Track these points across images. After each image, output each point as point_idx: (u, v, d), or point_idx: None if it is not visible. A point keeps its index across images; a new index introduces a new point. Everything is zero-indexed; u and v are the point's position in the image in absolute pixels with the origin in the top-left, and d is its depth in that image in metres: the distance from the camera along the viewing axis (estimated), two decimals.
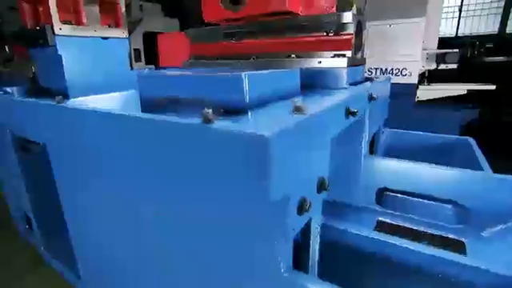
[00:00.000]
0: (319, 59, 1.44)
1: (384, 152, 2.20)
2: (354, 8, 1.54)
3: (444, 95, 3.70)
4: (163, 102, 1.09)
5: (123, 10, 2.08)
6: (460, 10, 11.21)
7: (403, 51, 3.60)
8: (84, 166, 1.26)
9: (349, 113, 1.07)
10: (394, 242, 1.15)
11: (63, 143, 1.31)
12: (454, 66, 3.67)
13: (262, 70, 1.12)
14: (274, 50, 1.60)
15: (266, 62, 1.57)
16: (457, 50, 3.62)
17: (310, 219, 0.94)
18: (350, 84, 1.46)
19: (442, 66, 3.68)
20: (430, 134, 2.22)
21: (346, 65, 1.39)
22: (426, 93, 3.73)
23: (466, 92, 3.60)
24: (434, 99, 3.73)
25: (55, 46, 1.76)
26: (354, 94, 1.23)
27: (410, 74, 3.64)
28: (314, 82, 1.46)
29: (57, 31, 1.75)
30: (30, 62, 2.07)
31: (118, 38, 2.06)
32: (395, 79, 3.73)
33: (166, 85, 1.07)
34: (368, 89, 1.39)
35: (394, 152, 2.22)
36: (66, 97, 1.85)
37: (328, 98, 1.14)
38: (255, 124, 0.81)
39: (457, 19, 10.58)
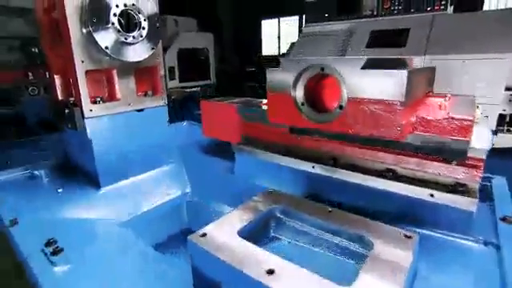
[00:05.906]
0: (431, 191, 1.03)
1: None
2: (479, 111, 1.10)
3: None
4: None
5: (162, 72, 1.76)
6: None
7: (479, 92, 3.00)
8: None
9: None
10: None
11: None
12: None
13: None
14: (359, 155, 1.20)
15: (353, 177, 1.17)
16: None
17: None
18: None
19: None
20: None
21: (474, 208, 0.97)
22: (505, 140, 3.13)
23: None
24: None
25: (85, 130, 1.48)
26: None
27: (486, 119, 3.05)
28: (418, 218, 1.06)
29: (87, 113, 1.46)
30: None
31: (156, 107, 1.75)
32: None
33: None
34: None
35: None
36: (97, 185, 1.59)
37: None
38: None
39: None
